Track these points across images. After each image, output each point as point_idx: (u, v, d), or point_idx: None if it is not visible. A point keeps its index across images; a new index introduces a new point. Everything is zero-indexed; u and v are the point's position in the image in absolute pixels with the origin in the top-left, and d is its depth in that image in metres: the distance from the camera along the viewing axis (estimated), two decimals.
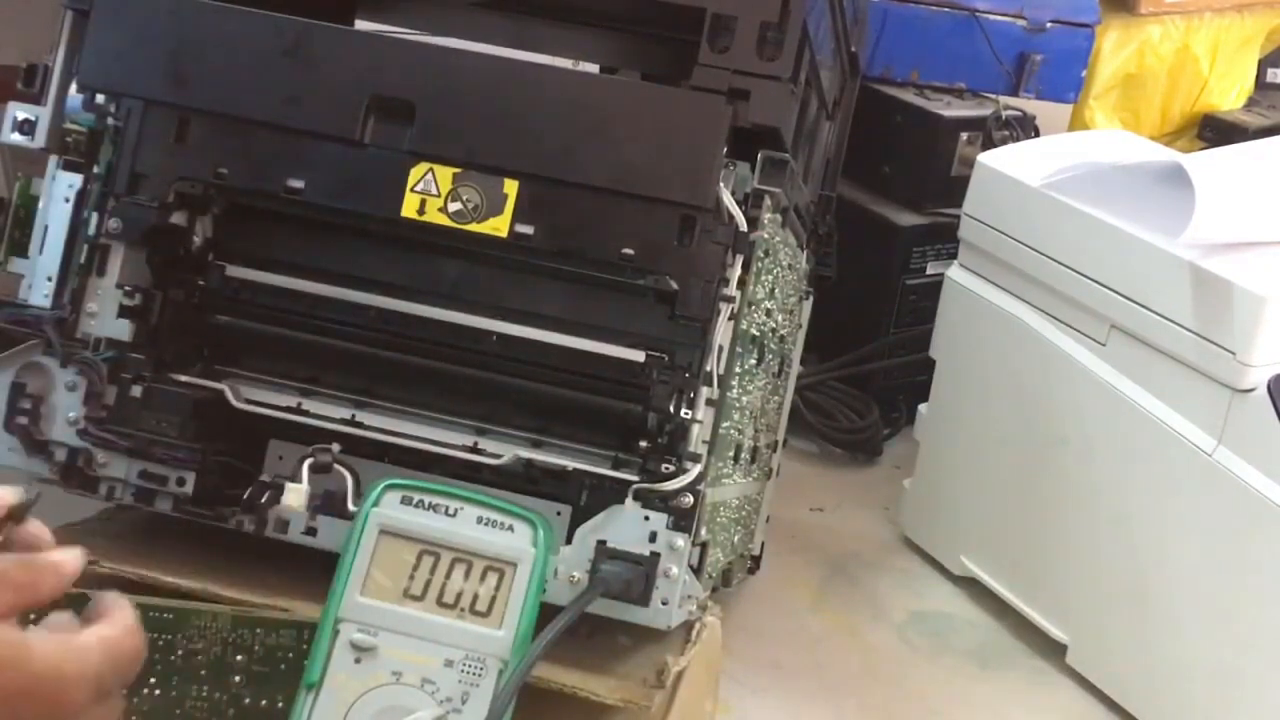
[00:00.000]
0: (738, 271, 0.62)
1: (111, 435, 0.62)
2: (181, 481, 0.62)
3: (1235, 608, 0.73)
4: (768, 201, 0.63)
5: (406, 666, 0.53)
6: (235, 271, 0.66)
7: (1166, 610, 0.76)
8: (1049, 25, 1.13)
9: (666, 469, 0.60)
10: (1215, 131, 1.31)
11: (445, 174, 0.61)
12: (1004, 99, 1.12)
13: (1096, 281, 0.78)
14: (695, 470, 0.60)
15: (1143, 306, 0.75)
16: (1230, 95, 1.34)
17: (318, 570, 0.57)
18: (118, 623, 0.45)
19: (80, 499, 0.63)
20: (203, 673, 0.58)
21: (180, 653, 0.58)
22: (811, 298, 0.87)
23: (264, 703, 0.58)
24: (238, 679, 0.58)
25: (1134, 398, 0.77)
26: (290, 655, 0.58)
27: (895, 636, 0.86)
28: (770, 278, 0.69)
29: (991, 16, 1.12)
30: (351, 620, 0.53)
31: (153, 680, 0.58)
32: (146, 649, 0.46)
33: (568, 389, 0.64)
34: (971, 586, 0.90)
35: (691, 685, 0.62)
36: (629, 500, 0.59)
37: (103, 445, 0.62)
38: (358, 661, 0.53)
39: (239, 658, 0.58)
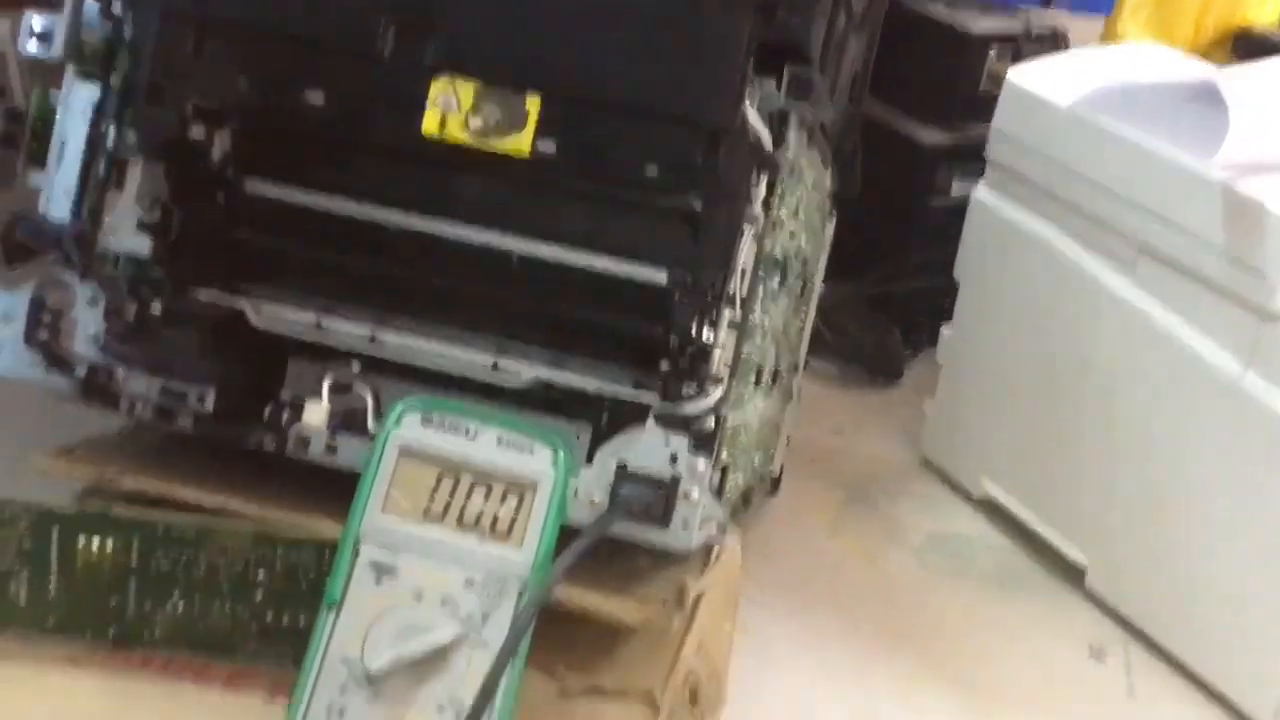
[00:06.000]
0: (762, 192, 0.61)
1: (132, 351, 0.62)
2: (202, 398, 0.62)
3: (1257, 533, 0.72)
4: (793, 120, 0.62)
5: (427, 586, 0.53)
6: (253, 187, 0.65)
7: (1187, 535, 0.76)
8: None
9: (688, 392, 0.59)
10: (1249, 49, 1.28)
11: (467, 89, 0.60)
12: (1034, 11, 1.09)
13: (1126, 203, 0.77)
14: (717, 393, 0.59)
15: (1173, 228, 0.74)
16: (1267, 8, 1.31)
17: (338, 489, 0.57)
18: None
19: (101, 415, 0.63)
20: (225, 588, 0.59)
21: (203, 569, 0.58)
22: (835, 217, 0.86)
23: (286, 620, 0.59)
24: (259, 595, 0.59)
25: (1161, 322, 0.76)
26: (311, 575, 0.58)
27: (914, 559, 0.86)
28: (795, 198, 0.68)
29: None
30: (372, 540, 0.53)
31: (175, 593, 0.59)
32: None
33: (589, 309, 0.64)
34: (991, 510, 0.90)
35: (710, 607, 0.62)
36: (650, 423, 0.59)
37: (123, 360, 0.62)
38: (378, 581, 0.53)
39: (260, 573, 0.59)
